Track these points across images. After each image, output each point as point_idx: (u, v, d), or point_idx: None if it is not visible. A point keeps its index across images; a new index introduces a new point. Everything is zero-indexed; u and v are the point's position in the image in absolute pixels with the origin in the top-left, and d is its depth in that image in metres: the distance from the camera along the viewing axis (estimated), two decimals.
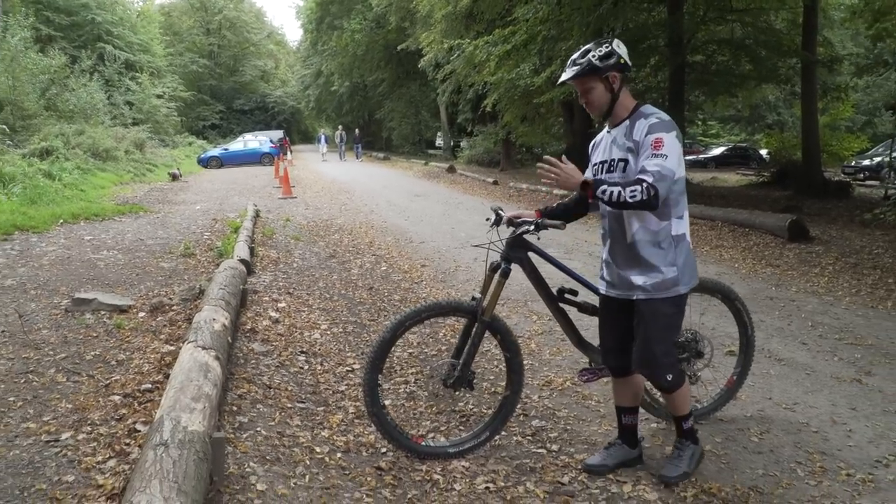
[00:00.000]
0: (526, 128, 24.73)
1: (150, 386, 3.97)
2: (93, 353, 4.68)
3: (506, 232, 3.60)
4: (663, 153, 3.01)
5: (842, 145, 23.84)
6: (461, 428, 4.02)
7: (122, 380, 4.12)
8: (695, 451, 3.44)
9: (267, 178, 24.19)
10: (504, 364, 3.81)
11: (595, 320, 3.75)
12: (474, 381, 3.71)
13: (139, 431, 3.34)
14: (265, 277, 7.46)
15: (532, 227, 3.43)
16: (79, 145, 20.33)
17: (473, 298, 3.61)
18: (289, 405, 4.06)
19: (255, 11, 72.66)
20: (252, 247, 8.60)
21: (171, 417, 2.82)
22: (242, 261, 7.15)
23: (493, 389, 4.57)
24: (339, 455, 3.52)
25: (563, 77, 3.24)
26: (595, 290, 3.73)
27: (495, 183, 21.93)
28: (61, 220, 10.66)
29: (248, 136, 39.92)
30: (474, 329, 3.59)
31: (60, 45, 33.66)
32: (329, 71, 49.12)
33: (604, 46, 3.17)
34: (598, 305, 3.72)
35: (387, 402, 3.98)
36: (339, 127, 45.32)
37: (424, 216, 13.87)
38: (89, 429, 3.41)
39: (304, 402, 4.19)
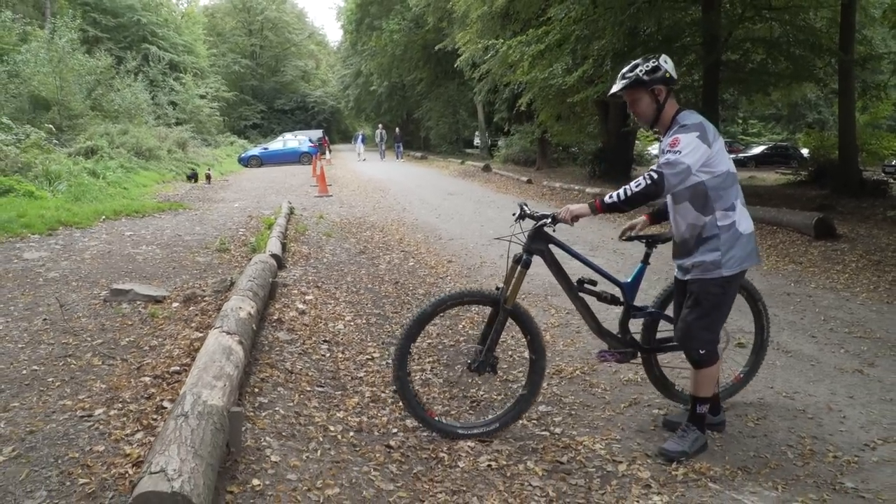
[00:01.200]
0: (561, 127, 24.74)
1: (178, 368, 4.23)
2: (127, 339, 4.97)
3: (529, 226, 3.83)
4: (676, 150, 3.32)
5: (882, 144, 23.44)
6: (471, 413, 4.22)
7: (153, 363, 4.40)
8: (698, 438, 3.61)
9: (305, 176, 24.61)
10: (528, 364, 4.00)
11: (612, 309, 3.98)
12: (497, 365, 3.97)
13: (166, 408, 3.59)
14: (295, 272, 7.73)
15: (550, 220, 3.68)
16: (123, 144, 20.93)
17: (497, 288, 3.86)
18: (308, 389, 4.29)
19: (296, 12, 73.53)
20: (284, 242, 8.89)
21: (192, 392, 3.06)
22: (273, 255, 7.42)
23: (504, 377, 4.75)
24: (351, 434, 3.74)
25: (613, 89, 3.58)
26: (616, 282, 3.98)
27: (529, 182, 22.04)
28: (104, 217, 11.09)
29: (287, 135, 40.49)
30: (498, 317, 3.81)
31: (106, 45, 34.59)
32: (368, 71, 49.54)
33: (651, 62, 3.50)
34: (615, 295, 3.97)
35: None
36: (380, 126, 44.38)
37: (455, 214, 14.07)
38: (120, 406, 3.68)
39: (322, 387, 4.42)
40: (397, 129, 44.97)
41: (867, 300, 6.77)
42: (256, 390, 4.02)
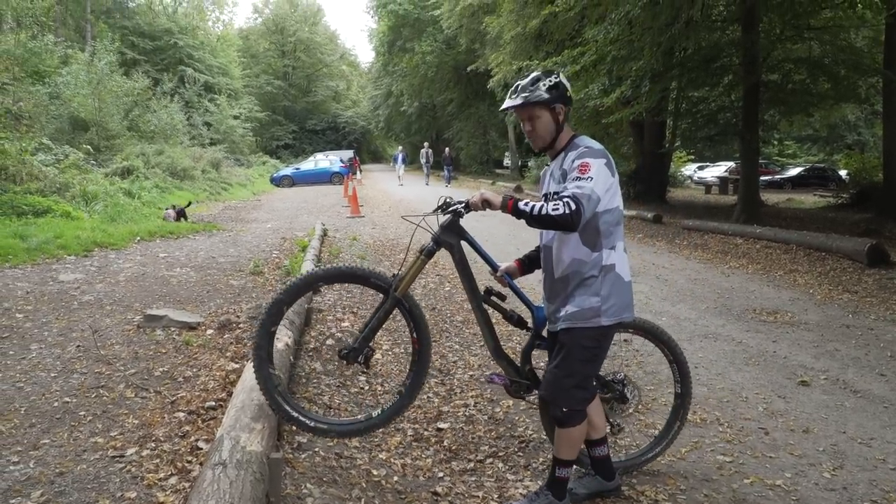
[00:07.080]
0: None
1: (213, 404, 4.04)
2: (161, 369, 4.80)
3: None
4: (588, 176, 2.94)
5: None
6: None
7: (188, 396, 4.21)
8: None
9: (336, 196, 24.58)
10: (409, 367, 3.54)
11: (516, 332, 3.58)
12: (371, 357, 3.40)
13: (201, 449, 3.40)
14: (330, 296, 7.55)
15: (463, 206, 3.29)
16: (158, 165, 21.11)
17: (394, 275, 3.41)
18: None
19: (328, 34, 74.19)
20: (318, 265, 8.72)
21: (230, 437, 2.86)
22: None
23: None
24: (395, 479, 3.52)
25: (509, 104, 3.18)
26: (528, 304, 3.60)
27: None
28: (138, 238, 11.04)
29: (319, 155, 40.66)
30: (384, 304, 3.38)
31: (144, 68, 35.14)
32: (399, 91, 49.76)
33: (553, 77, 3.15)
34: (523, 318, 3.62)
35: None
36: (426, 144, 36.21)
37: (490, 236, 13.81)
38: (153, 445, 3.49)
39: None
40: (447, 150, 38.19)
41: None
42: (294, 428, 3.82)
